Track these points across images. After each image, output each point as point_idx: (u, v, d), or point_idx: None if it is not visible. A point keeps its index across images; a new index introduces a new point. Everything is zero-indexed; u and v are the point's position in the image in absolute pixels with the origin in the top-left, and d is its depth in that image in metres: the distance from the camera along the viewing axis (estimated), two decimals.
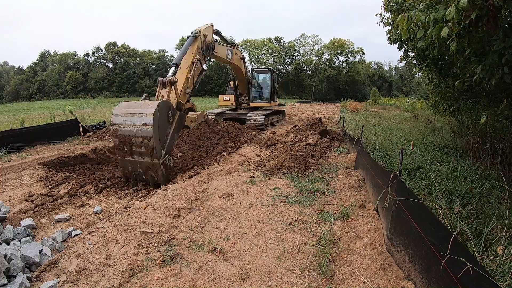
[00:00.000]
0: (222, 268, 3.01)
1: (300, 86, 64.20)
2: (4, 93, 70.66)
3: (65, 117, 15.88)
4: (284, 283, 2.76)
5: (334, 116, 19.19)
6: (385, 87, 64.10)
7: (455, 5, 3.00)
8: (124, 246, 3.44)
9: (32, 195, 5.17)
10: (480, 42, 3.80)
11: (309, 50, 68.49)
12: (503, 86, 4.17)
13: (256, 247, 3.38)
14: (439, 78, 7.17)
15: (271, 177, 6.05)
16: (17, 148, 8.78)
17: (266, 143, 9.09)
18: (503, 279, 2.34)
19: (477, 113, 5.83)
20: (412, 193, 2.75)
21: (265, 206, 4.53)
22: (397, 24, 4.05)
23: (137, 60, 70.20)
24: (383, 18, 6.62)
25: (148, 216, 4.24)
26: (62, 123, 11.89)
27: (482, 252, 2.74)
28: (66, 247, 3.57)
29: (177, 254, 3.28)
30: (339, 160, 7.03)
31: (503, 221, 3.23)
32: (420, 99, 24.21)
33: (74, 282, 2.83)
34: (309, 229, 3.75)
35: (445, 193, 4.20)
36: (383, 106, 30.48)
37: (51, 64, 70.76)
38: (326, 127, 10.43)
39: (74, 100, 54.14)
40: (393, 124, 12.50)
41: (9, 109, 36.22)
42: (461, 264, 1.82)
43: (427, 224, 2.36)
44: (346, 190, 5.06)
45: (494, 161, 5.32)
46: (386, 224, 3.22)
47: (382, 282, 2.62)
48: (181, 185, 5.68)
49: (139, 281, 2.83)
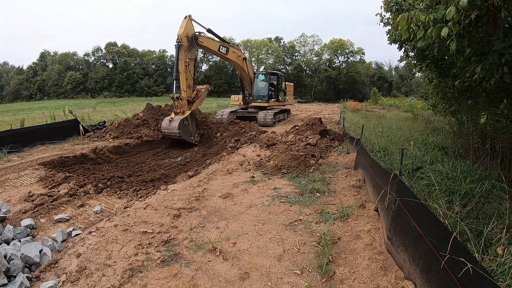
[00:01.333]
0: (222, 268, 3.01)
1: (300, 86, 64.14)
2: (4, 93, 70.64)
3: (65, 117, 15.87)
4: (284, 283, 2.77)
5: (334, 116, 19.19)
6: (385, 87, 64.09)
7: (455, 5, 3.00)
8: (124, 246, 3.44)
9: (32, 195, 5.17)
10: (480, 42, 3.79)
11: (309, 50, 68.57)
12: (503, 86, 4.17)
13: (256, 247, 3.38)
14: (439, 78, 7.17)
15: (271, 177, 6.06)
16: (17, 148, 8.78)
17: (266, 143, 9.09)
18: (503, 279, 2.34)
19: (477, 113, 5.83)
20: (412, 193, 2.75)
21: (265, 206, 4.53)
22: (397, 24, 4.05)
23: (137, 60, 70.21)
24: (383, 18, 6.62)
25: (148, 216, 4.24)
26: (62, 123, 11.88)
27: (482, 252, 2.74)
28: (66, 247, 3.57)
29: (177, 254, 3.28)
30: (339, 160, 7.03)
31: (503, 221, 3.23)
32: (420, 99, 24.22)
33: (74, 282, 2.83)
34: (309, 229, 3.75)
35: (445, 193, 4.20)
36: (383, 106, 30.47)
37: (51, 64, 70.75)
38: (326, 127, 10.42)
39: (74, 100, 54.15)
40: (393, 124, 12.50)
41: (9, 109, 36.21)
42: (461, 264, 1.82)
43: (427, 224, 2.36)
44: (346, 190, 5.06)
45: (494, 161, 5.32)
46: (386, 224, 3.22)
47: (382, 282, 2.62)
48: (181, 185, 5.68)
49: (139, 281, 2.83)
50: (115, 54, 69.31)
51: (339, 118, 15.91)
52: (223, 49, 12.03)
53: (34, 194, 5.24)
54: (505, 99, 4.39)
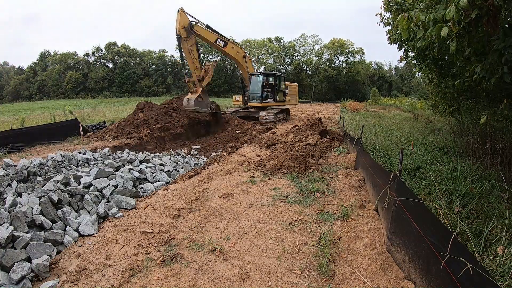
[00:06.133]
0: (222, 268, 3.01)
1: (300, 86, 63.99)
2: (4, 93, 70.55)
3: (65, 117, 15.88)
4: (284, 283, 2.76)
5: (334, 116, 19.19)
6: (385, 87, 64.04)
7: (455, 4, 3.00)
8: (124, 246, 3.44)
9: None
10: (480, 42, 3.79)
11: (309, 50, 68.45)
12: (503, 86, 4.17)
13: (256, 247, 3.38)
14: (439, 78, 7.17)
15: (271, 177, 6.05)
16: (17, 148, 8.78)
17: (266, 143, 9.09)
18: (503, 279, 2.34)
19: (477, 113, 5.83)
20: (412, 193, 2.75)
21: (265, 206, 4.53)
22: (397, 24, 4.05)
23: (137, 60, 70.17)
24: (383, 18, 6.62)
25: (148, 216, 4.24)
26: (62, 123, 11.89)
27: (482, 252, 2.74)
28: (66, 247, 3.57)
29: (177, 254, 3.28)
30: (339, 160, 7.02)
31: (503, 221, 3.23)
32: (420, 99, 24.21)
33: (74, 282, 2.83)
34: (309, 229, 3.75)
35: (445, 193, 4.20)
36: (383, 106, 30.46)
37: (51, 64, 70.67)
38: (326, 127, 10.41)
39: (74, 100, 54.12)
40: (393, 124, 12.50)
41: (9, 109, 36.21)
42: (461, 264, 1.81)
43: (427, 224, 2.36)
44: (346, 190, 5.06)
45: (494, 161, 5.32)
46: (386, 224, 3.22)
47: (382, 282, 2.62)
48: (181, 185, 5.68)
49: (139, 281, 2.83)
50: (115, 54, 69.24)
51: (339, 118, 15.91)
52: (220, 42, 12.62)
53: None
54: (505, 99, 4.39)
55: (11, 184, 4.73)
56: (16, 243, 3.10)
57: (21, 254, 3.01)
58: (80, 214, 4.11)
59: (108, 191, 4.79)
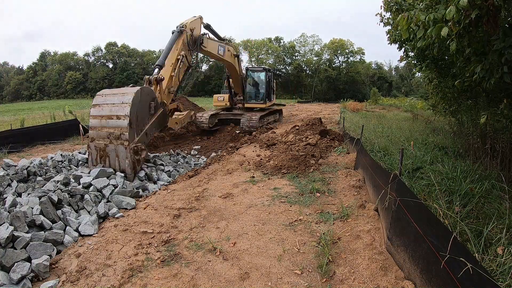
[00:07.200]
0: (222, 268, 3.01)
1: (300, 86, 64.16)
2: (4, 93, 70.56)
3: (65, 117, 15.88)
4: (284, 283, 2.76)
5: (334, 116, 19.17)
6: (385, 87, 64.04)
7: (455, 4, 3.00)
8: (124, 246, 3.44)
9: None
10: (480, 42, 3.79)
11: (309, 50, 68.44)
12: (503, 86, 4.17)
13: (256, 247, 3.38)
14: (439, 78, 7.17)
15: (271, 177, 6.05)
16: (17, 148, 8.79)
17: (266, 143, 9.09)
18: (503, 279, 2.34)
19: (477, 113, 5.84)
20: (412, 193, 2.75)
21: (265, 206, 4.53)
22: (397, 24, 4.05)
23: (137, 60, 70.15)
24: (383, 18, 6.62)
25: (148, 216, 4.24)
26: (62, 123, 11.90)
27: (482, 252, 2.74)
28: (66, 247, 3.57)
29: (177, 254, 3.27)
30: (339, 160, 7.02)
31: (503, 221, 3.23)
32: (420, 99, 24.20)
33: (74, 282, 2.83)
34: (309, 229, 3.75)
35: (445, 193, 4.20)
36: (383, 106, 30.46)
37: (51, 64, 70.72)
38: (326, 127, 10.42)
39: (74, 100, 54.15)
40: (393, 124, 12.49)
41: (9, 109, 36.20)
42: (461, 264, 1.81)
43: (427, 224, 2.35)
44: (346, 190, 5.06)
45: (494, 161, 5.32)
46: (386, 224, 3.22)
47: (382, 282, 2.62)
48: (181, 185, 5.68)
49: (139, 281, 2.83)
50: (115, 54, 69.27)
51: (339, 118, 15.89)
52: (220, 50, 10.85)
53: None
54: (505, 99, 4.39)
55: (11, 184, 4.73)
56: (16, 243, 3.10)
57: (21, 254, 3.01)
58: (80, 214, 4.12)
59: (108, 191, 4.80)
